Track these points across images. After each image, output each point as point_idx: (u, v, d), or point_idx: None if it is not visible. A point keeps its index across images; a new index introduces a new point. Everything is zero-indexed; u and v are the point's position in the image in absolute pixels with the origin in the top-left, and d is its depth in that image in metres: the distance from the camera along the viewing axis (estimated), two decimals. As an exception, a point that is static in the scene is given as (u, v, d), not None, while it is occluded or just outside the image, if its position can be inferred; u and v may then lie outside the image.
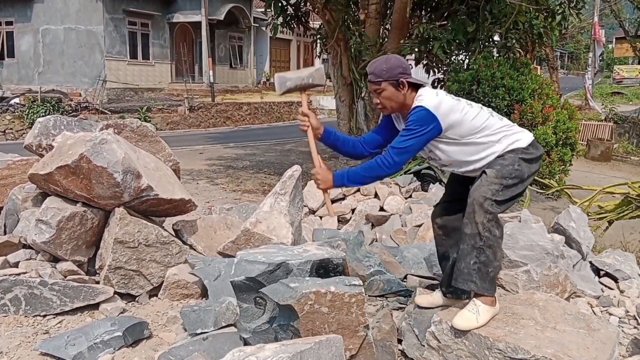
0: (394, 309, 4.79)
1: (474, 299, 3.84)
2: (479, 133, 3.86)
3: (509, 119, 11.07)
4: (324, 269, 4.03)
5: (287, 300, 3.56)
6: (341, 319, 3.64)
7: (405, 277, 5.48)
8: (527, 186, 4.02)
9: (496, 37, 14.22)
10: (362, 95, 12.50)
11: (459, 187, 4.21)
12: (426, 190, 9.61)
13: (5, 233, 5.59)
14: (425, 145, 3.88)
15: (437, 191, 8.99)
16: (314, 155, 4.16)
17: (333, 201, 9.23)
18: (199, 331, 3.97)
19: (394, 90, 3.91)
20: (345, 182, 3.96)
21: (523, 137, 3.93)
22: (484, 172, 3.83)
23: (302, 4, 14.77)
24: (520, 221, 6.27)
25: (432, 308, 4.31)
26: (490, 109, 4.06)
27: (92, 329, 4.15)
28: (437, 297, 4.39)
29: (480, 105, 4.04)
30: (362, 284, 3.74)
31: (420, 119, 3.76)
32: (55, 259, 5.04)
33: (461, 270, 3.83)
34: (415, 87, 3.94)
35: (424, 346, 4.04)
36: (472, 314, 3.78)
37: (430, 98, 3.82)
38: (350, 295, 3.64)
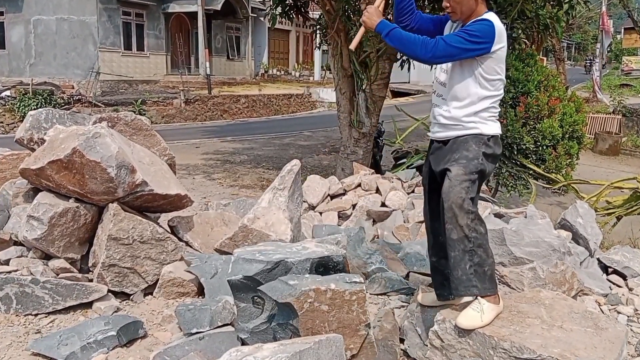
0: (396, 308, 4.79)
1: (478, 297, 3.83)
2: (489, 84, 3.94)
3: (514, 111, 11.13)
4: (323, 266, 4.03)
5: (286, 298, 3.55)
6: (342, 317, 3.63)
7: (407, 275, 5.48)
8: (528, 178, 4.08)
9: (501, 28, 14.19)
10: (363, 87, 12.46)
11: (428, 172, 4.29)
12: (429, 185, 9.59)
13: (-5, 230, 5.59)
14: (467, 58, 3.90)
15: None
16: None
17: (333, 197, 9.23)
18: (194, 331, 3.98)
19: None
20: (385, 33, 3.92)
21: (493, 126, 4.00)
22: (448, 169, 3.85)
23: (302, -6, 14.73)
24: (525, 217, 6.27)
25: (435, 306, 4.31)
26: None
27: (85, 329, 4.16)
28: (439, 296, 4.40)
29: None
30: (363, 281, 3.73)
31: (483, 30, 3.80)
32: (47, 257, 5.04)
33: (459, 279, 3.82)
34: (486, 2, 4.01)
35: (426, 346, 4.03)
36: (477, 313, 3.77)
37: (499, 21, 3.90)
38: (351, 293, 3.63)
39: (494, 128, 4.00)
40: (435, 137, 4.16)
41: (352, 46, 4.31)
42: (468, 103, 3.96)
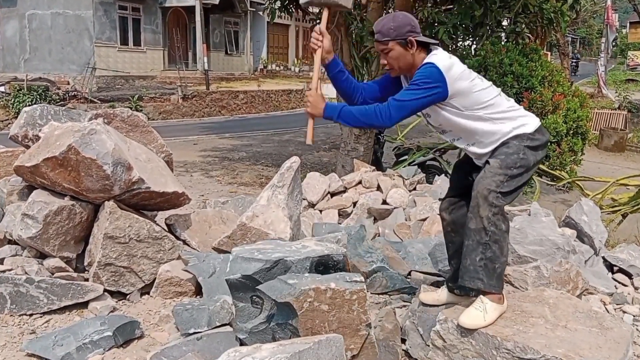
0: (397, 307, 4.78)
1: (481, 296, 3.82)
2: (484, 109, 3.83)
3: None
4: (323, 265, 4.02)
5: (285, 298, 3.55)
6: (342, 317, 3.63)
7: (409, 274, 5.48)
8: (533, 175, 4.00)
9: (504, 22, 14.17)
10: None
11: (465, 179, 4.20)
12: (431, 183, 9.61)
13: (-11, 228, 5.58)
14: (426, 107, 3.83)
15: (442, 183, 8.98)
16: (315, 77, 4.11)
17: (333, 194, 9.23)
18: (192, 331, 3.98)
19: (402, 50, 3.87)
20: (336, 117, 3.86)
21: (529, 122, 3.91)
22: (487, 162, 3.82)
23: (301, -13, 14.69)
24: (529, 215, 6.26)
25: (438, 306, 4.30)
26: (499, 89, 4.04)
27: (80, 329, 4.15)
28: (442, 294, 4.38)
29: (491, 83, 4.02)
30: (363, 280, 3.73)
31: (428, 75, 3.72)
32: (42, 255, 5.04)
33: (467, 268, 3.81)
34: (425, 46, 3.92)
35: (428, 346, 4.03)
36: (479, 312, 3.76)
37: (443, 59, 3.79)
38: (352, 292, 3.63)
39: (531, 123, 3.91)
40: (477, 157, 4.08)
41: (308, 141, 4.10)
42: (479, 137, 3.91)
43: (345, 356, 3.39)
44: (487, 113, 3.84)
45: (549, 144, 4.34)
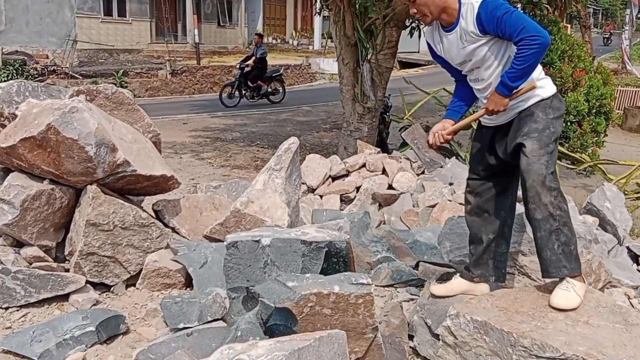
0: (404, 301, 4.79)
1: (567, 278, 3.89)
2: None
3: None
4: (325, 253, 4.02)
5: (284, 303, 3.52)
6: (346, 320, 3.61)
7: (417, 265, 5.47)
8: None
9: (521, -8, 14.14)
10: (368, 57, 12.41)
11: (487, 160, 4.30)
12: (441, 166, 9.59)
13: (-38, 214, 5.57)
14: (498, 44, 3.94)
15: (452, 167, 8.96)
16: (467, 122, 4.27)
17: (335, 178, 9.23)
18: (181, 326, 3.97)
19: None
20: (511, 85, 3.87)
21: (548, 85, 4.05)
22: (522, 144, 3.85)
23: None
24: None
25: (449, 297, 4.32)
26: None
27: (60, 324, 4.15)
28: (455, 284, 4.40)
29: None
30: (370, 282, 3.70)
31: (495, 2, 3.80)
32: (19, 244, 5.03)
33: (548, 259, 3.89)
34: None
35: (438, 343, 4.03)
36: (571, 292, 3.85)
37: None
38: (357, 296, 3.60)
39: (551, 86, 4.05)
40: (499, 122, 4.18)
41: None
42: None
43: (348, 357, 3.37)
44: None
45: (569, 124, 4.42)
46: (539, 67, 4.03)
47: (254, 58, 23.50)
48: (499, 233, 4.36)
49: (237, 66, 24.40)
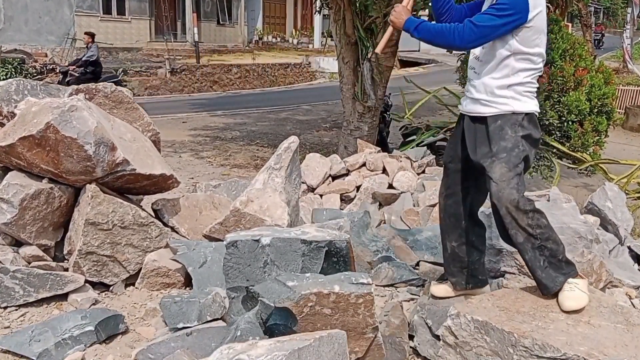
0: (405, 301, 4.79)
1: (568, 279, 3.90)
2: (524, 61, 3.96)
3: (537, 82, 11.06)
4: (325, 252, 4.02)
5: (284, 302, 3.52)
6: (346, 320, 3.61)
7: (417, 264, 5.47)
8: (552, 157, 4.13)
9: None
10: (369, 56, 12.41)
11: (456, 148, 4.32)
12: (441, 165, 9.58)
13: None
14: (503, 34, 3.90)
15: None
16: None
17: (335, 178, 9.22)
18: (180, 325, 3.96)
19: None
20: (413, 29, 4.00)
21: (527, 103, 4.02)
22: (488, 171, 3.87)
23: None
24: (549, 200, 6.24)
25: (450, 297, 4.32)
26: None
27: (59, 323, 4.14)
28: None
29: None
30: (370, 282, 3.70)
31: (513, 4, 3.80)
32: (17, 243, 5.03)
33: (541, 278, 3.93)
34: None
35: (439, 343, 4.03)
36: (576, 291, 3.86)
37: None
38: (357, 296, 3.60)
39: (529, 105, 4.02)
40: (466, 110, 4.19)
41: (379, 49, 4.59)
42: (502, 75, 3.98)
43: (348, 357, 3.37)
44: (524, 62, 3.97)
45: (570, 123, 4.41)
46: (531, 83, 4.03)
47: (80, 62, 20.06)
48: (464, 241, 4.34)
49: (58, 70, 21.67)
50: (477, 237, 4.39)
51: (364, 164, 9.33)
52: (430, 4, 4.63)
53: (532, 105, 4.02)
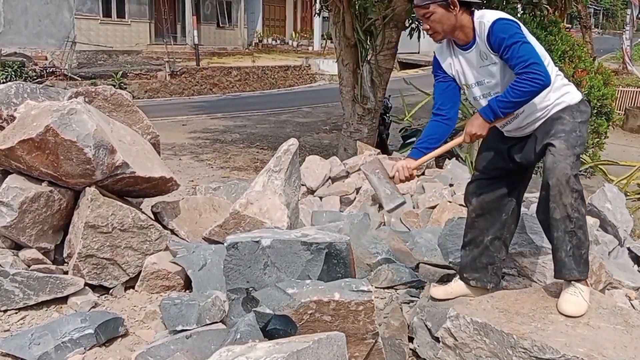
0: (404, 303, 4.78)
1: (574, 282, 3.88)
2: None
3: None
4: (325, 254, 4.02)
5: (284, 310, 3.52)
6: (346, 327, 3.60)
7: (417, 266, 5.47)
8: None
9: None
10: (368, 58, 12.43)
11: (500, 160, 4.27)
12: (441, 167, 9.60)
13: (-40, 216, 5.57)
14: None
15: (453, 168, 8.97)
16: (443, 150, 4.26)
17: (334, 180, 9.23)
18: (180, 328, 3.96)
19: (444, 12, 3.92)
20: (494, 117, 3.89)
21: (573, 91, 4.06)
22: (550, 144, 3.83)
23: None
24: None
25: (449, 300, 4.31)
26: None
27: (59, 326, 4.14)
28: (455, 287, 4.40)
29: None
30: (371, 289, 3.70)
31: (508, 28, 3.80)
32: (17, 246, 5.02)
33: (562, 261, 3.88)
34: (467, 6, 3.97)
35: (438, 344, 4.03)
36: (579, 298, 3.84)
37: (498, 13, 3.91)
38: (358, 304, 3.59)
39: (576, 93, 4.07)
40: (524, 133, 4.15)
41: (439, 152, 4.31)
42: (536, 103, 3.97)
43: (347, 358, 3.37)
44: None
45: None
46: (560, 75, 4.06)
47: None
48: (499, 236, 4.33)
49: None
50: (509, 235, 4.40)
51: (363, 166, 9.32)
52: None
53: (577, 93, 4.06)
